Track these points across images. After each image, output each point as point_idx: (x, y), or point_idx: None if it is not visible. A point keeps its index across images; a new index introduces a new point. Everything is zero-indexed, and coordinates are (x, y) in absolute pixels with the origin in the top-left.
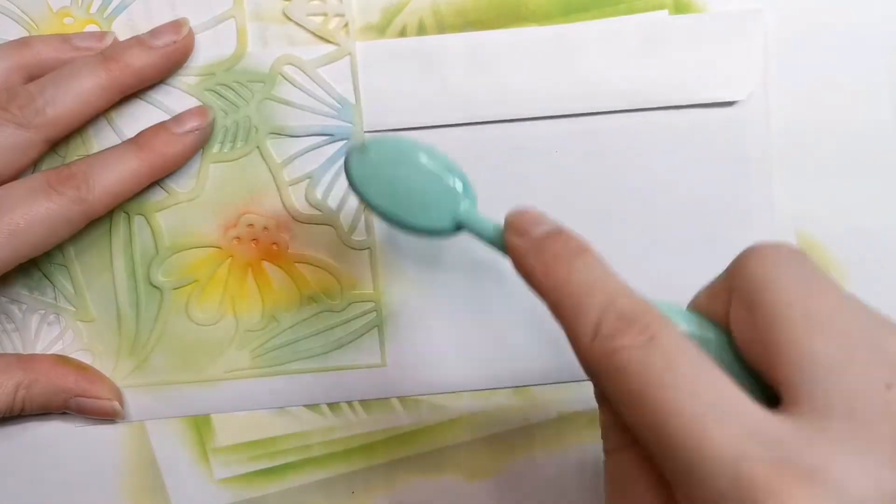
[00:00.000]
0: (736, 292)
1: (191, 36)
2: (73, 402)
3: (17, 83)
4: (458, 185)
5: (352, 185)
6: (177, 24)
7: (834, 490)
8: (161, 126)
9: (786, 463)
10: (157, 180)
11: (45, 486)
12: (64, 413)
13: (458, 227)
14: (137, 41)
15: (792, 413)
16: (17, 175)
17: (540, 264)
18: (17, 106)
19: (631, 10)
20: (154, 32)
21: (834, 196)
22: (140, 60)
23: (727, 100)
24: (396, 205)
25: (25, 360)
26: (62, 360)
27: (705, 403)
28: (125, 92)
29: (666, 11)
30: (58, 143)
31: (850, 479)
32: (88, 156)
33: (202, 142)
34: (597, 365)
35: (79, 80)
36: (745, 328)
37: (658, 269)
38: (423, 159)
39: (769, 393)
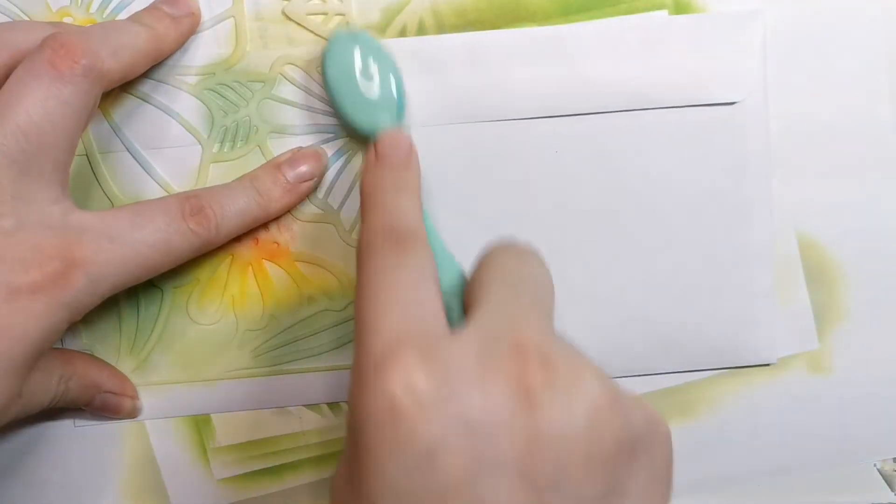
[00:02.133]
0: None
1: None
2: (99, 398)
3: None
4: (399, 103)
5: (328, 72)
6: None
7: (442, 361)
8: (278, 171)
9: (425, 349)
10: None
11: (45, 486)
12: (61, 410)
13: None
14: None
15: (463, 327)
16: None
17: (369, 182)
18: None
19: (631, 10)
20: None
21: (834, 196)
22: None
23: (727, 100)
24: (355, 91)
25: (64, 355)
26: (94, 357)
27: (401, 300)
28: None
29: (666, 11)
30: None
31: (459, 361)
32: (217, 190)
33: (312, 190)
34: (358, 259)
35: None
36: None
37: (658, 268)
38: (390, 68)
39: None
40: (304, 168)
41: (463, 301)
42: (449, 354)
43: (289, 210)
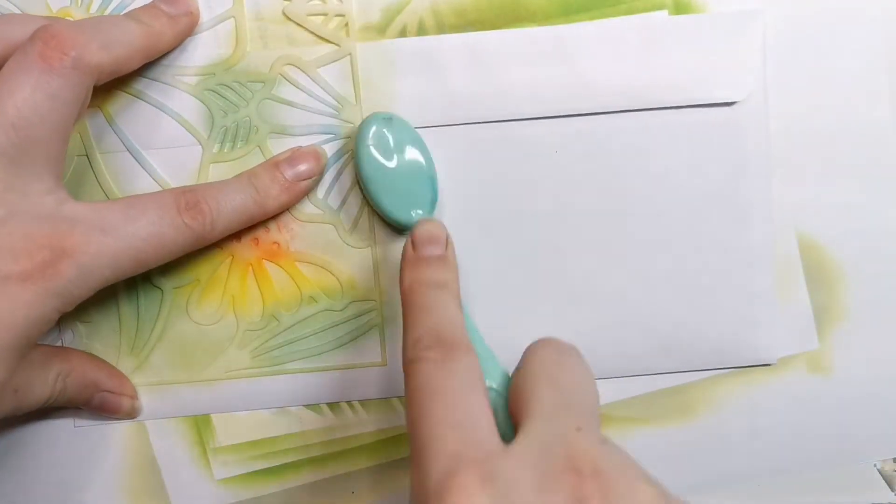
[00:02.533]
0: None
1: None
2: (97, 397)
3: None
4: (432, 193)
5: (371, 147)
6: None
7: (501, 480)
8: (276, 169)
9: (484, 469)
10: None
11: (45, 486)
12: (60, 409)
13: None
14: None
15: (516, 441)
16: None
17: (408, 278)
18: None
19: (631, 10)
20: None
21: (834, 196)
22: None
23: (727, 100)
24: (384, 188)
25: (62, 352)
26: (93, 356)
27: (453, 416)
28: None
29: (666, 12)
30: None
31: (516, 479)
32: (214, 186)
33: (312, 188)
34: (405, 367)
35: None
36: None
37: (658, 268)
38: (423, 155)
39: None
40: (302, 167)
41: (507, 401)
42: (506, 472)
43: (286, 209)
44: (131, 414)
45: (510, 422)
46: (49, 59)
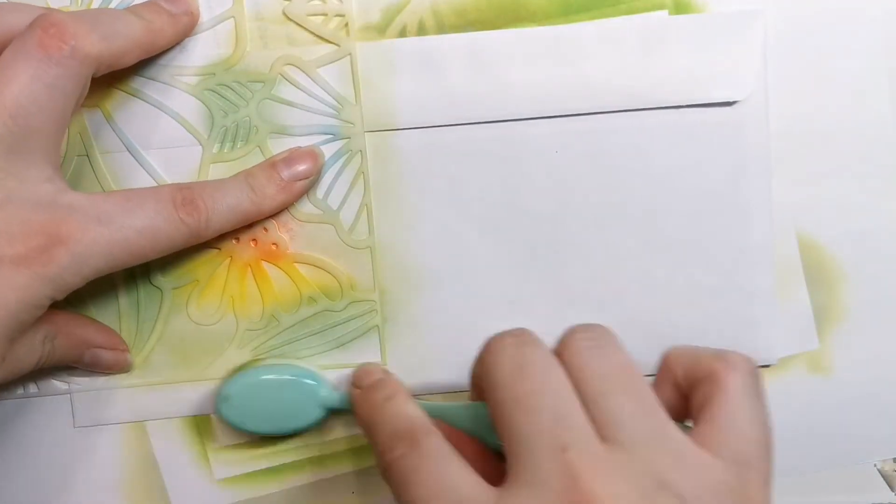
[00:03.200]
0: (481, 379)
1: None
2: (88, 354)
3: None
4: (312, 383)
5: (234, 426)
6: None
7: None
8: (273, 169)
9: None
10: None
11: (45, 486)
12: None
13: (329, 411)
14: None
15: (505, 482)
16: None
17: (362, 411)
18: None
19: (631, 10)
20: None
21: (834, 196)
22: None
23: (727, 100)
24: (276, 423)
25: (48, 314)
26: (78, 314)
27: (441, 489)
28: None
29: (666, 11)
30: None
31: None
32: (211, 184)
33: (308, 189)
34: (384, 474)
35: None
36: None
37: (658, 268)
38: (273, 380)
39: None
40: (300, 167)
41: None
42: None
43: (283, 208)
44: (124, 367)
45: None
46: (48, 47)
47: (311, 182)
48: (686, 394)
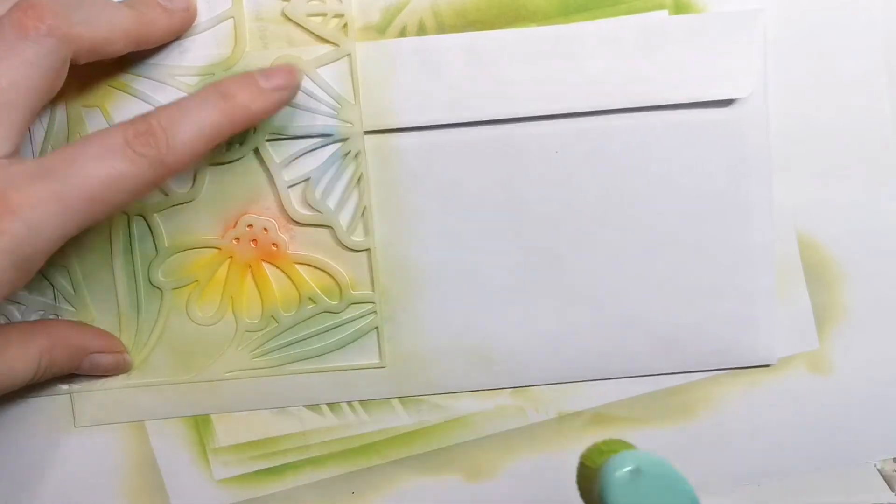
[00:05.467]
0: None
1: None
2: (86, 361)
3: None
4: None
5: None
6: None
7: None
8: (249, 77)
9: None
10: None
11: (45, 487)
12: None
13: None
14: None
15: None
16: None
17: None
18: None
19: (631, 10)
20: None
21: (834, 196)
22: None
23: (727, 99)
24: None
25: (41, 326)
26: (74, 322)
27: None
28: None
29: (666, 11)
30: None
31: None
32: (171, 105)
33: (286, 103)
34: None
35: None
36: None
37: (658, 268)
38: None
39: None
40: (278, 79)
41: None
42: None
43: (259, 120)
44: (124, 369)
45: None
46: (25, 27)
47: (289, 94)
48: None
